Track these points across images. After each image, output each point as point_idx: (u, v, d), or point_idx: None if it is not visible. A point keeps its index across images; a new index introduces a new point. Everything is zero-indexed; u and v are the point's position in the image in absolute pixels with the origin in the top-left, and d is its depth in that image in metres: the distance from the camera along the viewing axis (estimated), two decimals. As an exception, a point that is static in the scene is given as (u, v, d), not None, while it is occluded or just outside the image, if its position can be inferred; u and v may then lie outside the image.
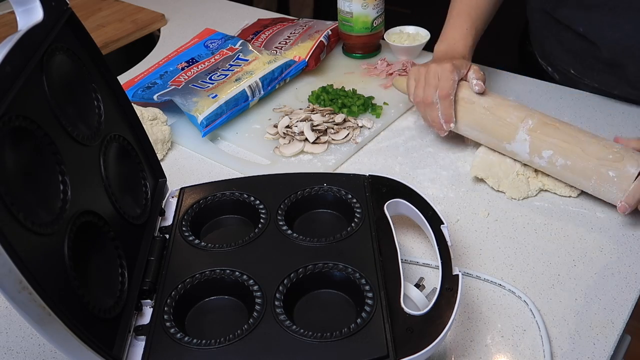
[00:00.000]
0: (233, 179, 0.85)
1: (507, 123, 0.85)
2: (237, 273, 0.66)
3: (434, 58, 0.99)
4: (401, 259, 0.66)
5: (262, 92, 1.06)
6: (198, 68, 1.12)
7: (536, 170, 0.86)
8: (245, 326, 0.60)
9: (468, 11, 1.00)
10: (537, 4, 1.09)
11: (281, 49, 1.18)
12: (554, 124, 0.83)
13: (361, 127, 1.01)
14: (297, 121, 1.00)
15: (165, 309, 0.63)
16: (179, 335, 0.60)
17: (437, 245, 0.68)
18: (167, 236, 0.72)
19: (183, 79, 1.09)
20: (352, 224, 0.71)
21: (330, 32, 1.21)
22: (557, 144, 0.81)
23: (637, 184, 0.76)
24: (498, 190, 0.86)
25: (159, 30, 1.42)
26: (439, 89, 0.90)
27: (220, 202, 0.77)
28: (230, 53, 1.14)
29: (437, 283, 0.63)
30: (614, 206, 0.83)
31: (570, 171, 0.80)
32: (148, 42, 1.39)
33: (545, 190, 0.86)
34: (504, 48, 1.17)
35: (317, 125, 0.99)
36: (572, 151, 0.80)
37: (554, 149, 0.81)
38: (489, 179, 0.87)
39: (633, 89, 1.01)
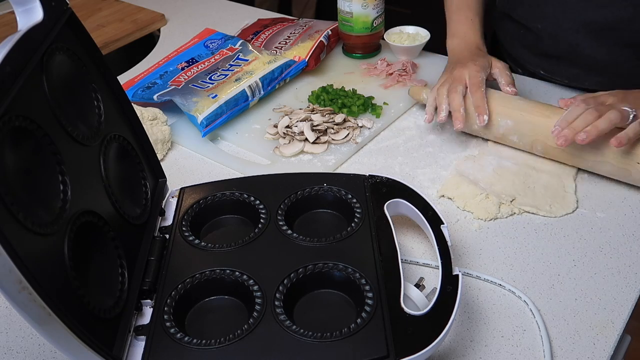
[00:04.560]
0: (233, 179, 0.85)
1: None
2: (237, 273, 0.66)
3: (450, 55, 1.00)
4: (401, 259, 0.66)
5: (262, 92, 1.06)
6: (198, 68, 1.12)
7: (512, 200, 0.83)
8: (245, 326, 0.60)
9: (466, 2, 1.01)
10: (499, 7, 1.12)
11: (281, 49, 1.18)
12: None
13: (361, 127, 1.00)
14: (297, 121, 1.00)
15: (165, 309, 0.63)
16: (179, 335, 0.60)
17: (437, 245, 0.68)
18: (167, 236, 0.72)
19: (183, 79, 1.09)
20: (352, 224, 0.71)
21: (330, 32, 1.21)
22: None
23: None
24: (464, 210, 0.84)
25: (159, 30, 1.42)
26: (469, 84, 0.91)
27: (220, 202, 0.77)
28: (230, 53, 1.14)
29: (437, 283, 0.63)
30: (614, 206, 0.83)
31: None
32: (148, 42, 1.39)
33: (527, 212, 0.83)
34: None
35: (317, 125, 0.99)
36: None
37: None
38: (455, 199, 0.85)
39: (601, 76, 1.02)
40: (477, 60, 0.94)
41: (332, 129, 0.99)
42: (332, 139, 0.98)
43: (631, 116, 0.78)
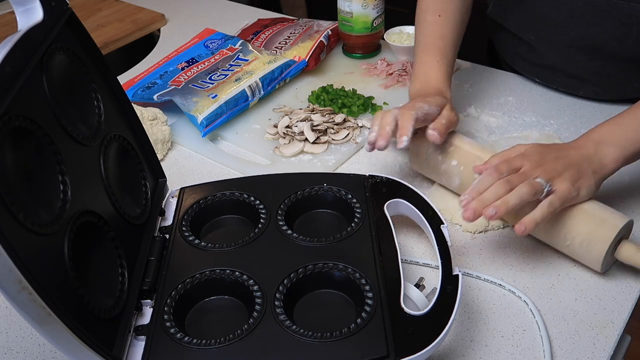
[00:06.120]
0: (233, 179, 0.85)
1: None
2: (237, 273, 0.66)
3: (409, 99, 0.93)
4: (401, 259, 0.66)
5: (262, 92, 1.06)
6: (198, 68, 1.12)
7: None
8: (245, 326, 0.60)
9: (434, 43, 0.94)
10: (491, 15, 1.11)
11: (281, 49, 1.18)
12: None
13: (361, 127, 1.01)
14: (297, 121, 1.00)
15: (165, 309, 0.63)
16: (179, 335, 0.60)
17: (437, 245, 0.68)
18: (167, 236, 0.72)
19: (183, 79, 1.09)
20: (352, 224, 0.71)
21: (330, 32, 1.21)
22: None
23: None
24: (451, 222, 0.82)
25: (159, 30, 1.42)
26: (403, 107, 0.82)
27: (220, 202, 0.77)
28: (230, 53, 1.14)
29: (437, 283, 0.63)
30: (614, 206, 0.82)
31: None
32: (148, 42, 1.39)
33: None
34: (473, 56, 1.18)
35: (317, 125, 0.99)
36: None
37: None
38: (442, 212, 0.80)
39: (597, 86, 1.02)
40: (428, 97, 0.85)
41: (332, 129, 0.99)
42: (332, 139, 0.98)
43: (545, 190, 0.70)
